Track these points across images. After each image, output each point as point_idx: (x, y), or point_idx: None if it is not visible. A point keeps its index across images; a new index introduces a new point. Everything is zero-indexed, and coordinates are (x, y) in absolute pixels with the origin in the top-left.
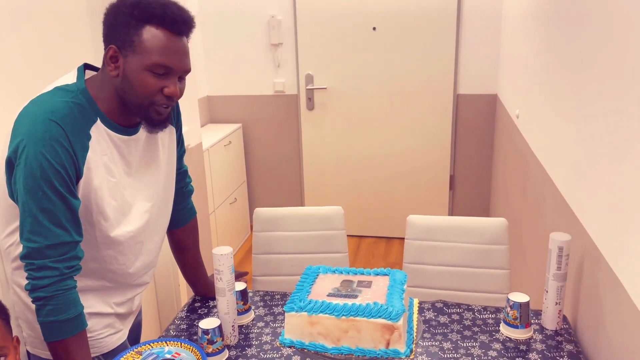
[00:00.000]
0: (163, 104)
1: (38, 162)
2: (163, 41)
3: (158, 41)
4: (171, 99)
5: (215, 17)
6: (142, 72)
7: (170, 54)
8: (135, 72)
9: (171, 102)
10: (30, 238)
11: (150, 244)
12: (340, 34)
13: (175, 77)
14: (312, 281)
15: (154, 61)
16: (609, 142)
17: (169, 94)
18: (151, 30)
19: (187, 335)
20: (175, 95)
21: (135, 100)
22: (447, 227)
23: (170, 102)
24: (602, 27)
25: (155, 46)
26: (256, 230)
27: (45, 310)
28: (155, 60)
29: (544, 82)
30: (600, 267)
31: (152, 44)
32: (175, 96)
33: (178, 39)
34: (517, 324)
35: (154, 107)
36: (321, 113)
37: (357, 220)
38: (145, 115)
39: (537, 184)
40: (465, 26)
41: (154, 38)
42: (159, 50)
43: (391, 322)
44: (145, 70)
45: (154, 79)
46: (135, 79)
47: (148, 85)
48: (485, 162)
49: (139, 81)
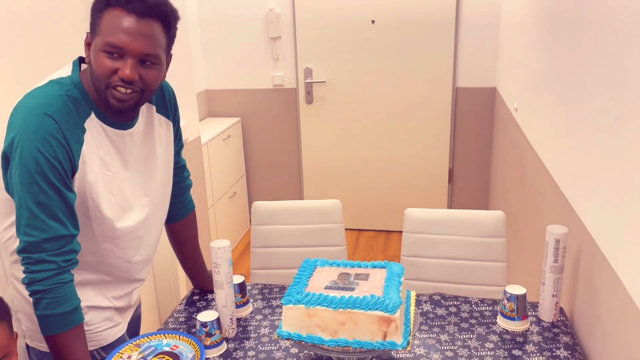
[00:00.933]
0: (118, 87)
1: (33, 156)
2: (118, 21)
3: (112, 21)
4: (127, 82)
5: (214, 11)
6: (98, 53)
7: (122, 33)
8: (94, 54)
9: (128, 85)
10: (27, 232)
11: (149, 238)
12: (339, 28)
13: (132, 60)
14: (310, 274)
15: (105, 40)
16: (607, 135)
17: (121, 76)
18: (111, 11)
19: (185, 328)
20: (127, 77)
21: (96, 83)
22: (444, 220)
23: (126, 85)
24: (600, 21)
25: (109, 26)
26: (255, 223)
27: (43, 304)
28: (106, 39)
29: (543, 75)
30: (597, 259)
31: (106, 24)
32: (127, 78)
33: (135, 19)
34: (514, 316)
35: (111, 91)
36: (320, 107)
37: (356, 213)
38: (105, 100)
39: (535, 177)
40: (464, 19)
41: (109, 18)
42: (112, 29)
43: (388, 315)
44: (100, 50)
45: (109, 59)
46: (94, 60)
47: (102, 66)
48: (484, 155)
49: (95, 62)
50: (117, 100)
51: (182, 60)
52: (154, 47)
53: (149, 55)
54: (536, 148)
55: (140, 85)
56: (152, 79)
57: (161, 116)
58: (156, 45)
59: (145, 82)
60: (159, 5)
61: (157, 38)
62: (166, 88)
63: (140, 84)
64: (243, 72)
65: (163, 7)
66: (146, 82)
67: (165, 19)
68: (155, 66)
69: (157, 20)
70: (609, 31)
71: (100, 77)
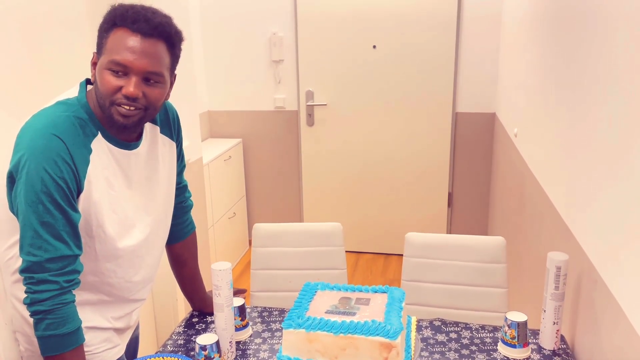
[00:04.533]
0: (123, 104)
1: (39, 176)
2: (123, 40)
3: (117, 40)
4: (131, 100)
5: (217, 33)
6: (103, 70)
7: (127, 52)
8: (99, 72)
9: (132, 103)
10: (31, 252)
11: (150, 258)
12: (340, 52)
13: (136, 78)
14: (311, 298)
15: (110, 59)
16: (607, 161)
17: (125, 93)
18: (116, 31)
19: (184, 350)
20: (131, 94)
21: (100, 100)
22: (445, 245)
23: (130, 102)
24: (599, 47)
25: (114, 45)
26: (255, 245)
27: (44, 324)
28: (111, 57)
29: (542, 101)
30: (598, 287)
31: (112, 44)
32: (131, 95)
33: (140, 38)
34: (515, 343)
35: (115, 108)
36: (321, 129)
37: (355, 236)
38: (109, 117)
39: (535, 203)
40: (464, 45)
41: (115, 38)
42: (117, 48)
43: (389, 340)
44: (105, 68)
45: (113, 77)
46: (99, 78)
47: (107, 83)
48: (484, 180)
49: (100, 80)
50: (121, 117)
51: (185, 81)
52: (157, 65)
53: (153, 73)
54: (536, 174)
55: (144, 102)
56: (155, 97)
57: (165, 137)
58: (160, 64)
59: (148, 99)
60: (164, 25)
61: (161, 57)
62: (170, 109)
63: (144, 101)
64: (245, 93)
65: (167, 28)
66: (150, 100)
67: (169, 38)
68: (159, 84)
69: (162, 40)
70: (608, 58)
71: (105, 94)
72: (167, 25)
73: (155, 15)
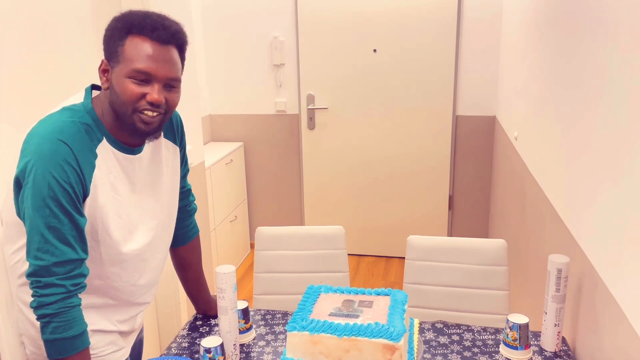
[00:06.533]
0: (146, 110)
1: (46, 181)
2: (142, 48)
3: (138, 48)
4: (155, 106)
5: (219, 37)
6: (124, 79)
7: (149, 60)
8: (119, 81)
9: (155, 109)
10: (38, 256)
11: (154, 261)
12: (341, 56)
13: (158, 85)
14: (314, 301)
15: (133, 67)
16: (607, 164)
17: (150, 100)
18: (133, 39)
19: (188, 353)
20: (156, 101)
21: (121, 108)
22: (447, 247)
23: (154, 109)
24: (598, 50)
25: (135, 53)
26: (258, 248)
27: (50, 328)
28: (134, 66)
29: (543, 104)
30: (599, 289)
31: (132, 52)
32: (156, 102)
33: (159, 46)
34: (517, 345)
35: (138, 115)
36: (322, 133)
37: (356, 239)
38: (132, 125)
39: (535, 206)
40: (464, 49)
41: (134, 45)
42: (138, 56)
43: (392, 342)
44: (126, 77)
45: (135, 85)
46: (119, 87)
47: (129, 91)
48: (484, 183)
49: (122, 89)
50: (144, 124)
51: (188, 86)
52: (175, 71)
53: (172, 79)
54: (536, 176)
55: (165, 107)
56: (174, 101)
57: (168, 141)
58: (177, 70)
59: (169, 104)
60: (179, 32)
61: (177, 63)
62: (174, 114)
63: (165, 107)
64: (246, 97)
65: (181, 35)
66: (170, 105)
67: (182, 44)
68: (176, 89)
69: (175, 46)
70: (609, 61)
71: (127, 102)
72: (181, 32)
73: (170, 23)
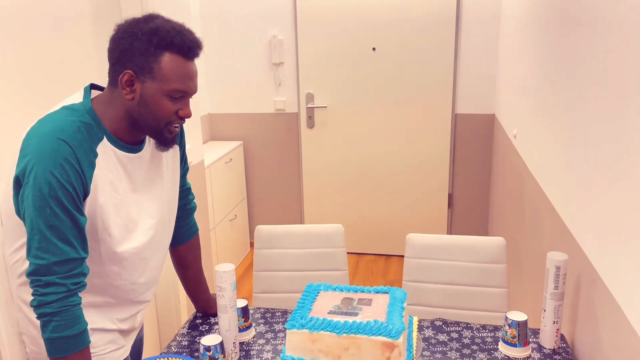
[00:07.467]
0: (176, 124)
1: (47, 181)
2: (181, 68)
3: (177, 68)
4: (183, 119)
5: (218, 36)
6: (162, 97)
7: (186, 79)
8: (155, 97)
9: (183, 122)
10: (38, 255)
11: (154, 260)
12: (340, 54)
13: (188, 99)
14: (313, 299)
15: (174, 87)
16: (605, 162)
17: (184, 116)
18: (170, 57)
19: (188, 352)
20: (189, 116)
21: (152, 122)
22: (446, 245)
23: (182, 122)
24: (597, 49)
25: (174, 73)
26: (257, 247)
27: (51, 327)
28: (174, 86)
29: (541, 102)
30: (597, 286)
31: (171, 71)
32: (188, 117)
33: (192, 63)
34: (516, 342)
35: (168, 128)
36: (321, 131)
37: (356, 237)
38: (160, 135)
39: (534, 204)
40: (463, 47)
41: (172, 65)
42: (178, 77)
43: (391, 340)
44: (165, 95)
45: (171, 102)
46: (154, 103)
47: (166, 108)
48: (483, 181)
49: (158, 105)
50: (171, 134)
51: None
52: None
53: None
54: (535, 174)
55: None
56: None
57: None
58: None
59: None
60: (201, 47)
61: None
62: None
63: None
64: (246, 96)
65: (203, 46)
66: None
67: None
68: None
69: None
70: (607, 59)
71: (162, 117)
72: (201, 46)
73: (195, 37)
